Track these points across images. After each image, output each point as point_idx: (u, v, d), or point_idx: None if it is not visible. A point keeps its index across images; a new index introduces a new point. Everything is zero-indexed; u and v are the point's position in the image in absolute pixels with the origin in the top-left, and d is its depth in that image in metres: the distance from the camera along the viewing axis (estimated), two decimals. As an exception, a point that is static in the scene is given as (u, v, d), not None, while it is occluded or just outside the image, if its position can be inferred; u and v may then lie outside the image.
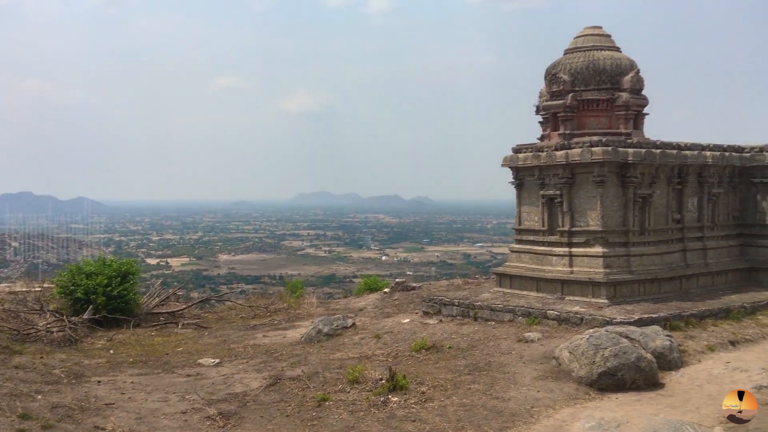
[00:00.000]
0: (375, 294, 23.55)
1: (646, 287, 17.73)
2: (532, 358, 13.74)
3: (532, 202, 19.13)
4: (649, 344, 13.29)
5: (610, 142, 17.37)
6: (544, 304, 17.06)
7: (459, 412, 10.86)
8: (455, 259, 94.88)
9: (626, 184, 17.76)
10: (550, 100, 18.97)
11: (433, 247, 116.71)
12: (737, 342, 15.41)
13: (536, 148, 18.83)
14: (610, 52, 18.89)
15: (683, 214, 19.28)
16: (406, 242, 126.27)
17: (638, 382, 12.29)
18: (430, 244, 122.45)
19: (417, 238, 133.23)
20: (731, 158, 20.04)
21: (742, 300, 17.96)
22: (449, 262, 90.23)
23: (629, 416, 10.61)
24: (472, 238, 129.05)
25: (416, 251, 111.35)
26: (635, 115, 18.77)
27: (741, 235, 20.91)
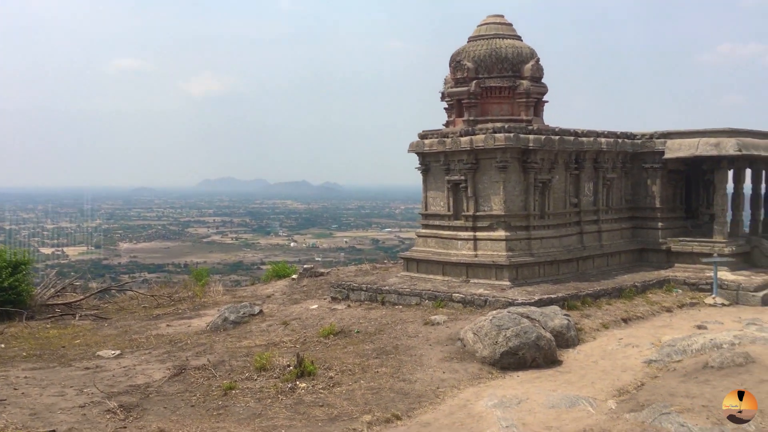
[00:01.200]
0: (283, 280, 23.37)
1: (546, 269, 18.43)
2: (438, 340, 14.01)
3: (438, 188, 19.45)
4: (548, 324, 13.81)
5: (512, 128, 17.87)
6: (449, 288, 17.42)
7: (367, 395, 10.95)
8: (364, 245, 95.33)
9: (527, 170, 18.33)
10: (454, 86, 19.30)
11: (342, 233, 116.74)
12: (629, 319, 16.26)
13: (442, 134, 19.14)
14: (512, 41, 19.40)
15: (580, 198, 20.11)
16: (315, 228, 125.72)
17: (538, 360, 12.76)
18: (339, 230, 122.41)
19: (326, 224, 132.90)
20: (624, 145, 21.03)
21: (633, 279, 18.95)
22: (358, 248, 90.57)
23: (529, 393, 11.01)
24: (381, 224, 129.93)
25: (325, 237, 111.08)
26: (536, 102, 19.38)
27: (633, 218, 22.03)
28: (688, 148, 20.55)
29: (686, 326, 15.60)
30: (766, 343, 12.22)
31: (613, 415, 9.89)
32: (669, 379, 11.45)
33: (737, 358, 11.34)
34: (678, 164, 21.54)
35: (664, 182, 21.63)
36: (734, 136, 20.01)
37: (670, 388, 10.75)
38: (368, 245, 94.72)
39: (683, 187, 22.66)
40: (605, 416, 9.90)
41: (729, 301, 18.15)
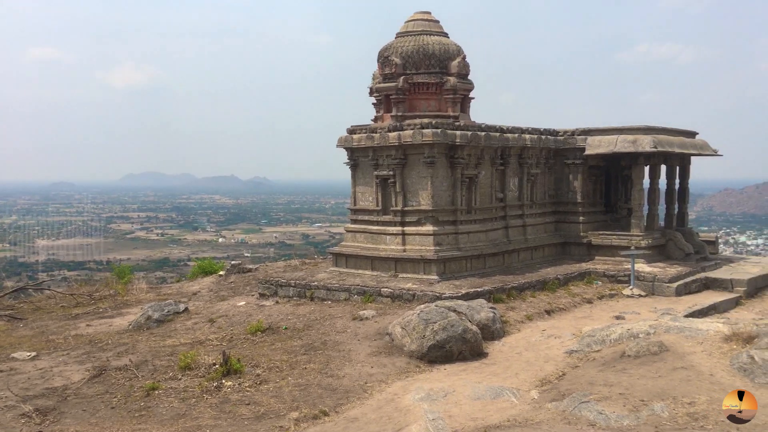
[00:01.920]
0: (210, 277, 22.95)
1: (473, 263, 18.74)
2: (367, 335, 14.06)
3: (367, 183, 19.49)
4: (474, 317, 14.05)
5: (440, 124, 18.07)
6: (378, 282, 17.50)
7: (294, 392, 10.89)
8: (294, 240, 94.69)
9: (454, 165, 18.58)
10: (382, 82, 19.36)
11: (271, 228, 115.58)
12: (552, 311, 16.73)
13: (370, 129, 19.17)
14: (439, 38, 19.60)
15: (506, 193, 20.53)
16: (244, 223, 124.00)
17: (465, 353, 12.97)
18: (269, 225, 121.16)
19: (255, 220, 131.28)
20: (547, 141, 21.58)
21: (556, 272, 19.50)
22: (288, 243, 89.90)
23: (455, 385, 11.17)
24: (311, 219, 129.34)
25: (254, 232, 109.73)
26: (462, 98, 19.65)
27: (556, 213, 22.65)
28: (607, 145, 21.26)
29: (605, 317, 16.15)
30: (679, 332, 12.74)
31: (536, 405, 10.14)
32: (589, 368, 11.80)
33: (652, 346, 11.77)
34: (598, 160, 22.27)
35: (585, 178, 22.32)
36: (650, 134, 20.81)
37: (590, 377, 11.09)
38: (298, 240, 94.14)
39: (603, 183, 23.44)
40: (528, 406, 10.14)
41: (645, 292, 18.88)
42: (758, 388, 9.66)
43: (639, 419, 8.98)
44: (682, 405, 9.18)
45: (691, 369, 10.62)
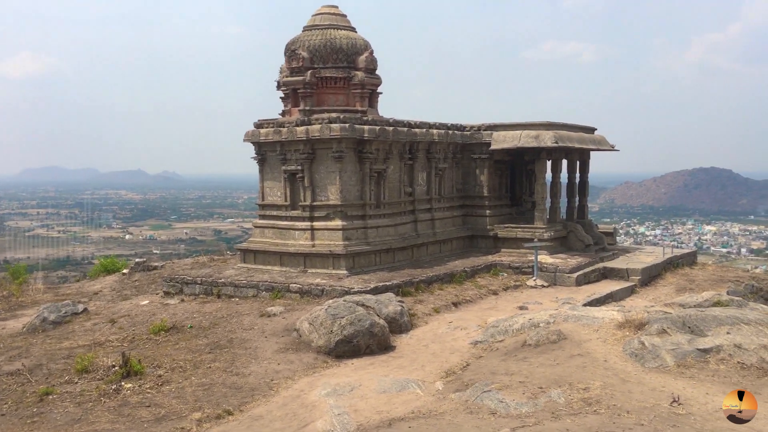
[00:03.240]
0: (113, 276, 22.14)
1: (382, 257, 18.86)
2: (274, 331, 13.93)
3: (275, 178, 19.28)
4: (382, 311, 14.16)
5: (348, 119, 18.07)
6: (287, 278, 17.36)
7: (198, 392, 10.66)
8: (205, 236, 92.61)
9: (363, 160, 18.63)
10: (290, 76, 19.18)
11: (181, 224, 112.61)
12: (459, 303, 17.05)
13: (278, 123, 18.96)
14: (347, 32, 19.59)
15: (414, 187, 20.77)
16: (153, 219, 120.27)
17: (372, 347, 13.05)
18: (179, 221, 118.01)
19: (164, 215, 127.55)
20: (454, 136, 21.96)
21: (464, 265, 19.89)
22: (199, 239, 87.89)
23: (362, 380, 11.22)
24: (223, 214, 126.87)
25: (164, 229, 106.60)
26: (370, 93, 19.72)
27: (464, 206, 23.10)
28: (511, 140, 21.84)
29: (510, 307, 16.60)
30: (577, 321, 13.25)
31: (440, 396, 10.31)
32: (492, 358, 12.11)
33: (551, 335, 12.20)
34: (503, 155, 22.85)
35: (492, 172, 22.86)
36: (552, 129, 21.53)
37: (492, 367, 11.38)
38: (210, 236, 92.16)
39: (508, 177, 24.10)
40: (433, 397, 10.30)
41: (548, 282, 19.54)
42: (648, 372, 10.17)
43: (537, 406, 9.27)
44: (577, 391, 9.53)
45: (587, 356, 11.05)
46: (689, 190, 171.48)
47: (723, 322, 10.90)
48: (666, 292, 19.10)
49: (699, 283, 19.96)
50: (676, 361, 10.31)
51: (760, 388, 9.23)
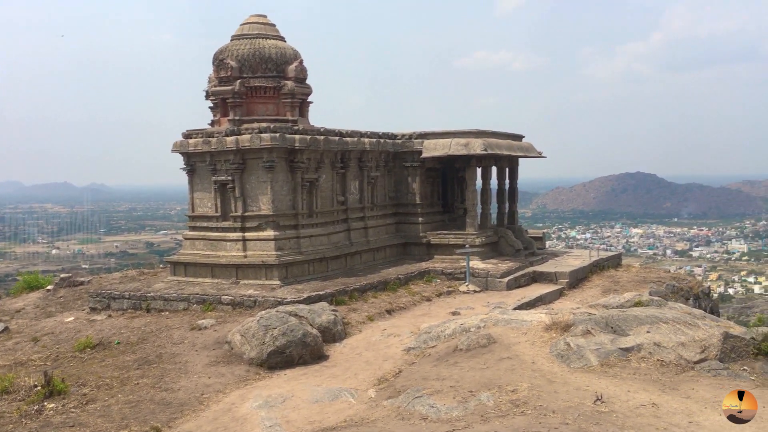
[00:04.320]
0: (37, 292, 21.30)
1: (316, 266, 18.82)
2: (205, 345, 13.72)
3: (205, 188, 19.00)
4: (316, 320, 14.12)
5: (278, 128, 17.99)
6: (219, 290, 17.12)
7: (124, 409, 10.40)
8: (137, 249, 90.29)
9: (294, 169, 18.57)
10: (219, 85, 18.98)
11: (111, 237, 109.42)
12: (393, 310, 17.16)
13: (207, 133, 18.72)
14: (276, 41, 19.52)
15: (347, 196, 20.81)
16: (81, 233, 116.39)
17: (305, 357, 13.00)
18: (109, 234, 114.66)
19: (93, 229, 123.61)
20: (386, 145, 22.13)
21: (397, 272, 20.03)
22: (131, 252, 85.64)
23: (295, 390, 11.17)
24: (155, 226, 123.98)
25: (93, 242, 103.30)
26: (301, 102, 19.69)
27: (397, 214, 23.27)
28: (442, 148, 22.15)
29: (443, 313, 16.80)
30: (507, 324, 13.52)
31: (373, 404, 10.35)
32: (424, 364, 12.23)
33: (481, 339, 12.41)
34: (434, 163, 23.15)
35: (423, 180, 23.12)
36: (481, 137, 21.94)
37: (424, 373, 11.49)
38: (142, 249, 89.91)
39: (440, 184, 24.42)
40: (365, 405, 10.33)
41: (480, 287, 19.86)
42: (573, 372, 10.46)
43: (467, 409, 9.42)
44: (506, 393, 9.72)
45: (516, 358, 11.29)
46: (617, 195, 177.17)
47: (643, 322, 11.31)
48: (592, 293, 19.68)
49: (623, 285, 20.64)
50: (600, 360, 10.64)
51: (678, 384, 9.61)
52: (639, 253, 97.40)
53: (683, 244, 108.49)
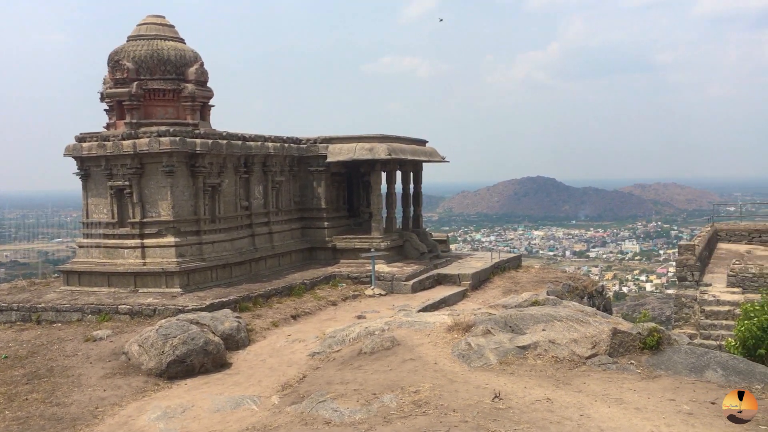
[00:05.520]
0: None
1: (219, 273, 18.46)
2: (101, 356, 13.19)
3: (101, 194, 18.29)
4: (218, 327, 13.85)
5: (178, 132, 17.55)
6: (116, 299, 16.50)
7: (12, 426, 9.85)
8: (29, 258, 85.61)
9: (196, 174, 18.16)
10: (114, 87, 18.32)
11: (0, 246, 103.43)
12: (298, 315, 17.05)
13: (102, 137, 18.03)
14: (175, 43, 19.05)
15: (251, 201, 20.53)
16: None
17: (207, 366, 12.72)
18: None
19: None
20: (290, 149, 21.99)
21: (303, 277, 19.92)
22: (22, 262, 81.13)
23: (196, 400, 10.91)
24: (49, 234, 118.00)
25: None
26: (202, 106, 19.29)
27: (302, 219, 23.16)
28: (347, 153, 22.23)
29: (348, 317, 16.85)
30: (411, 327, 13.71)
31: (276, 410, 10.24)
32: (328, 368, 12.21)
33: (385, 342, 12.52)
34: (340, 167, 23.20)
35: (329, 184, 23.12)
36: (386, 142, 22.17)
37: (329, 377, 11.48)
38: (34, 258, 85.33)
39: (346, 188, 24.48)
40: (268, 412, 10.21)
41: (386, 290, 20.03)
42: (473, 371, 10.71)
43: (370, 412, 9.47)
44: (408, 394, 9.84)
45: (419, 360, 11.44)
46: (519, 198, 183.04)
47: (539, 320, 11.72)
48: (494, 294, 20.23)
49: (523, 285, 21.33)
50: (499, 359, 10.94)
51: (571, 379, 10.01)
52: (540, 255, 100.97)
53: (581, 245, 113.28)
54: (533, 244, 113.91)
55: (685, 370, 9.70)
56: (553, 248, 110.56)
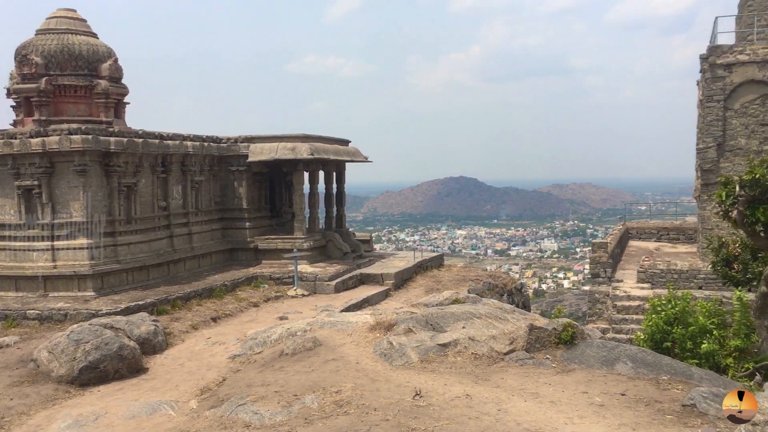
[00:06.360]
0: None
1: (135, 275, 17.91)
2: (7, 364, 12.56)
3: (7, 194, 17.43)
4: (134, 332, 13.43)
5: (91, 130, 16.92)
6: (24, 304, 15.77)
7: None
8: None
9: (110, 174, 17.56)
10: (22, 83, 17.52)
11: None
12: (219, 318, 16.73)
13: (8, 134, 17.19)
14: (87, 38, 18.36)
15: (169, 201, 20.02)
16: None
17: (122, 371, 12.31)
18: None
19: None
20: (210, 148, 21.56)
21: (224, 279, 19.58)
22: None
23: (109, 406, 10.54)
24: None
25: None
26: (116, 103, 18.67)
27: (223, 219, 22.75)
28: (269, 152, 21.98)
29: (270, 319, 16.66)
30: (333, 327, 13.67)
31: (194, 415, 10.01)
32: (249, 371, 12.04)
33: (307, 343, 12.44)
34: (261, 167, 22.91)
35: (250, 184, 22.79)
36: (308, 142, 22.04)
37: (249, 380, 11.31)
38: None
39: (268, 188, 24.20)
40: (186, 417, 9.97)
41: (309, 291, 19.92)
42: (395, 369, 10.77)
43: (291, 413, 9.38)
44: (330, 394, 9.81)
45: (341, 360, 11.42)
46: (442, 198, 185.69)
47: (459, 318, 11.90)
48: (416, 293, 20.42)
49: (445, 284, 21.62)
50: (420, 357, 11.04)
51: (490, 375, 10.21)
52: (463, 254, 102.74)
53: (502, 244, 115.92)
54: (456, 243, 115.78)
55: (597, 364, 10.04)
56: (475, 247, 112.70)
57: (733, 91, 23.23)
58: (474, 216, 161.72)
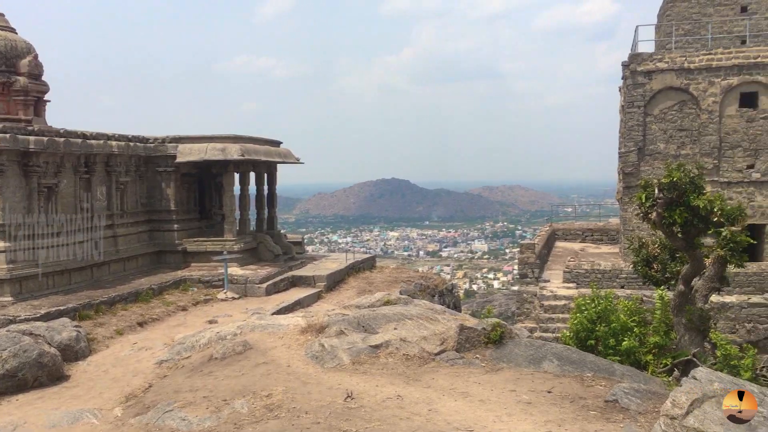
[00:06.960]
0: None
1: (56, 279, 17.28)
2: None
3: None
4: (54, 338, 12.95)
5: (9, 129, 16.22)
6: (-65, 311, 14.97)
7: None
8: None
9: (29, 174, 16.88)
10: (-67, 77, 16.66)
11: None
12: (145, 322, 16.31)
13: None
14: (5, 33, 17.64)
15: (93, 203, 19.38)
16: None
17: (42, 379, 11.85)
18: None
19: None
20: (136, 148, 20.98)
21: (150, 282, 19.09)
22: None
23: (28, 416, 10.12)
24: None
25: None
26: (36, 101, 17.98)
27: (150, 221, 22.17)
28: (198, 153, 21.56)
29: (199, 322, 16.34)
30: (264, 330, 13.52)
31: (119, 423, 9.73)
32: (177, 376, 11.77)
33: (237, 346, 12.26)
34: (190, 168, 22.45)
35: (179, 185, 22.30)
36: (239, 142, 21.73)
37: (177, 385, 11.06)
38: None
39: (197, 190, 23.74)
40: (110, 425, 9.68)
41: (239, 294, 19.64)
42: (326, 372, 10.73)
43: (220, 419, 9.23)
44: (260, 398, 9.69)
45: (272, 363, 11.31)
46: (375, 199, 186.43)
47: (391, 319, 11.96)
48: (348, 295, 20.42)
49: (377, 285, 21.69)
50: (352, 358, 11.04)
51: (421, 376, 10.30)
52: (396, 255, 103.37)
53: (434, 246, 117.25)
54: (389, 244, 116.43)
55: (524, 362, 10.26)
56: (407, 248, 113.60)
57: (653, 97, 24.21)
58: (406, 217, 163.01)
